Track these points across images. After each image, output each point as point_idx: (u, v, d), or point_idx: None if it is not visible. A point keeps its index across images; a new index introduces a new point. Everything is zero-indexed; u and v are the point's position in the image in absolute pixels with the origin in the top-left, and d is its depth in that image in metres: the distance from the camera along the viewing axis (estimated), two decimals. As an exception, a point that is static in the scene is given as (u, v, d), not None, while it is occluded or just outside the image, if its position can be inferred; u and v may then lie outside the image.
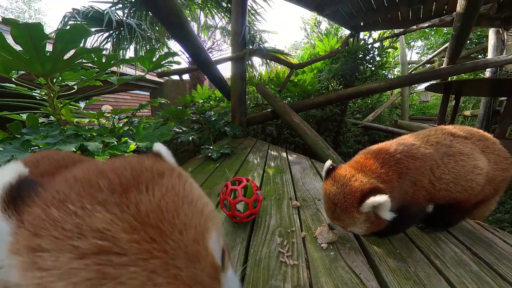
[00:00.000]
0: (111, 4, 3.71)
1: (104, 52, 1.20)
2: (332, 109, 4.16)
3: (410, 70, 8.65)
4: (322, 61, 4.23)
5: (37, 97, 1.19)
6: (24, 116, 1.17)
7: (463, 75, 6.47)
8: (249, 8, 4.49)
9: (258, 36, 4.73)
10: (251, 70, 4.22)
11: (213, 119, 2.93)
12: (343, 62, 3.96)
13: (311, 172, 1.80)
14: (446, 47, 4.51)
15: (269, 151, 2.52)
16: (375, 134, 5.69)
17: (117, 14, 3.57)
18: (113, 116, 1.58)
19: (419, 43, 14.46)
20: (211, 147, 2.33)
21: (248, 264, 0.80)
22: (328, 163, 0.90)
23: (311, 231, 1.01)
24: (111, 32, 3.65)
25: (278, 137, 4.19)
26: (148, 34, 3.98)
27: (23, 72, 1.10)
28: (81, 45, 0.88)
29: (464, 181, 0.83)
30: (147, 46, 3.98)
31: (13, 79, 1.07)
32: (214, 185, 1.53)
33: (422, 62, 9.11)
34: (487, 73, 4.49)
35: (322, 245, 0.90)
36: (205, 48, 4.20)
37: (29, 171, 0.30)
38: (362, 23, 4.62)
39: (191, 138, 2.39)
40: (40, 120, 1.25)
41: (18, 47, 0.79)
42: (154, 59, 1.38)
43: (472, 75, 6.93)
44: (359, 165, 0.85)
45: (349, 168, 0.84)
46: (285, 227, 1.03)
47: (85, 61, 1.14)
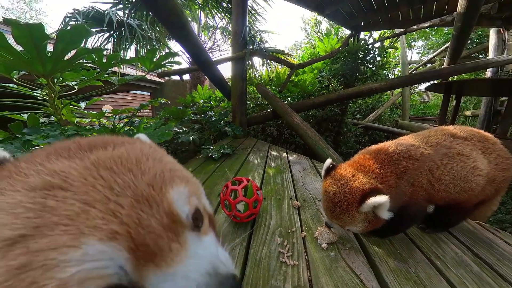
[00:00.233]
0: (111, 5, 3.71)
1: (104, 53, 1.20)
2: (332, 109, 4.16)
3: (411, 70, 8.64)
4: (323, 61, 4.23)
5: (38, 97, 1.19)
6: (25, 116, 1.17)
7: (464, 75, 6.45)
8: (250, 8, 4.50)
9: (258, 36, 4.73)
10: (251, 70, 4.22)
11: (213, 119, 2.93)
12: (344, 62, 3.96)
13: (311, 172, 1.80)
14: (447, 47, 4.50)
15: (269, 151, 2.52)
16: (376, 134, 5.68)
17: (117, 14, 3.58)
18: (114, 116, 1.58)
19: (419, 43, 14.46)
20: (212, 147, 2.33)
21: (248, 264, 0.80)
22: (327, 161, 0.89)
23: (311, 231, 1.00)
24: (111, 32, 3.66)
25: (278, 137, 4.19)
26: (149, 35, 3.98)
27: (24, 73, 1.10)
28: (82, 45, 0.88)
29: (463, 182, 0.83)
30: (148, 47, 3.99)
31: (14, 79, 1.08)
32: (214, 185, 1.53)
33: (423, 62, 9.09)
34: (488, 73, 4.48)
35: (322, 245, 0.90)
36: (206, 48, 4.21)
37: None
38: (362, 23, 4.61)
39: (191, 138, 2.39)
40: (41, 120, 1.25)
41: (19, 48, 0.79)
42: (154, 59, 1.38)
43: (473, 75, 6.91)
44: (358, 164, 0.85)
45: (348, 167, 0.84)
46: (286, 227, 1.03)
47: (86, 61, 1.14)
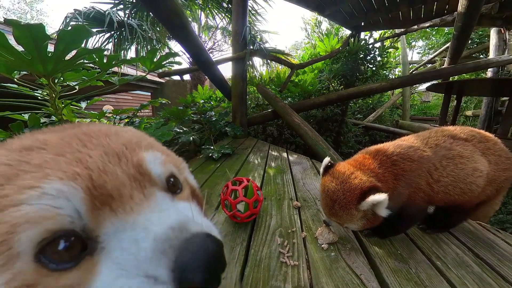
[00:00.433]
0: (112, 5, 3.72)
1: (105, 53, 1.20)
2: (333, 109, 4.15)
3: (411, 70, 8.63)
4: (323, 61, 4.23)
5: (39, 97, 1.19)
6: (26, 116, 1.17)
7: (464, 75, 6.45)
8: (250, 9, 4.49)
9: (258, 36, 4.72)
10: (251, 71, 4.22)
11: (214, 119, 2.93)
12: (344, 62, 3.96)
13: (311, 173, 1.79)
14: (448, 47, 4.49)
15: (269, 151, 2.52)
16: (376, 135, 5.68)
17: (118, 14, 3.58)
18: (114, 116, 1.59)
19: (420, 43, 14.44)
20: (212, 147, 2.33)
21: (248, 265, 0.80)
22: (326, 160, 0.89)
23: (311, 231, 1.00)
24: (112, 32, 3.66)
25: (279, 137, 4.19)
26: (149, 35, 3.99)
27: (25, 73, 1.10)
28: (82, 45, 0.88)
29: (463, 184, 0.83)
30: (148, 47, 3.99)
31: (15, 79, 1.08)
32: (214, 185, 1.53)
33: (423, 62, 9.09)
34: (489, 73, 4.47)
35: (322, 245, 0.90)
36: (206, 48, 4.21)
37: None
38: (363, 23, 4.60)
39: (192, 138, 2.39)
40: (42, 120, 1.25)
41: (20, 48, 0.79)
42: (155, 60, 1.38)
43: (474, 75, 6.90)
44: (357, 163, 0.85)
45: (348, 165, 0.84)
46: (286, 227, 1.03)
47: (87, 61, 1.14)
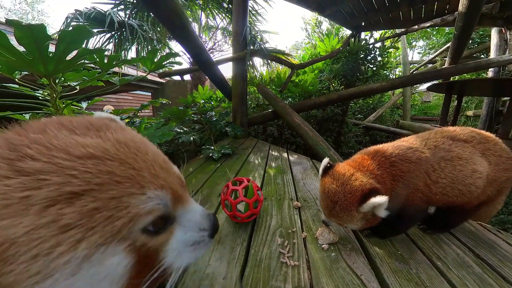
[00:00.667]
0: (113, 5, 3.73)
1: (106, 53, 1.20)
2: (333, 110, 4.15)
3: (412, 70, 8.62)
4: (323, 61, 4.23)
5: (40, 97, 1.19)
6: (27, 116, 1.18)
7: (465, 75, 6.43)
8: (250, 9, 4.50)
9: (259, 36, 4.72)
10: (252, 71, 4.22)
11: (214, 119, 2.93)
12: (344, 62, 3.95)
13: (312, 173, 1.79)
14: (448, 47, 4.48)
15: (270, 151, 2.52)
16: (377, 135, 5.68)
17: (119, 15, 3.58)
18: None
19: (420, 43, 14.44)
20: (212, 147, 2.33)
21: (249, 265, 0.80)
22: (325, 160, 0.89)
23: (312, 231, 1.00)
24: (113, 33, 3.66)
25: (279, 137, 4.19)
26: (150, 35, 3.99)
27: (26, 73, 1.11)
28: (83, 46, 0.88)
29: (461, 185, 0.82)
30: (149, 47, 4.00)
31: (16, 79, 1.08)
32: (215, 185, 1.53)
33: (424, 62, 9.08)
34: (490, 73, 4.47)
35: (323, 246, 0.90)
36: (206, 48, 4.21)
37: None
38: (363, 23, 4.60)
39: (192, 138, 2.39)
40: (43, 121, 1.26)
41: (21, 48, 0.79)
42: (155, 60, 1.38)
43: (475, 75, 6.89)
44: (357, 164, 0.85)
45: (347, 166, 0.84)
46: (286, 227, 1.03)
47: (87, 61, 1.14)
